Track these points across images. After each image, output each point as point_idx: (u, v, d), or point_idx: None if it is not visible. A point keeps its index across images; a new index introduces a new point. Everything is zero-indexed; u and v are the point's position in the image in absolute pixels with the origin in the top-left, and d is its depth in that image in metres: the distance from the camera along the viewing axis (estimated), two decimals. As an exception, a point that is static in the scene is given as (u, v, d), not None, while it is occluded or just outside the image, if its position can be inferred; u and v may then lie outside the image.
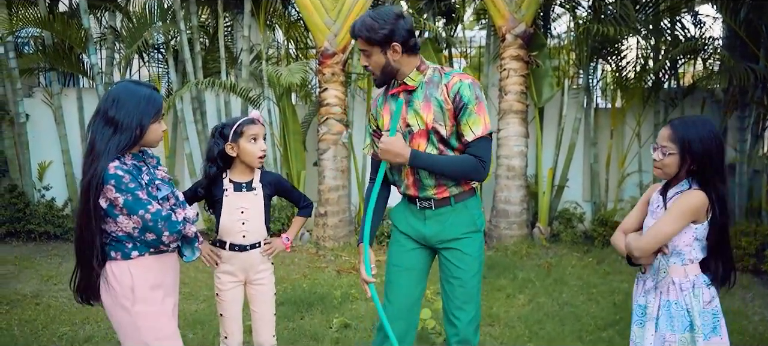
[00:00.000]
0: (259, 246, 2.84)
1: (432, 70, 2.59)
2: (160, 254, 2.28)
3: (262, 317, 2.90)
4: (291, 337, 4.11)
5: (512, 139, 6.50)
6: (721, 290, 2.36)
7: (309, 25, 6.47)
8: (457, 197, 2.61)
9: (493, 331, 4.28)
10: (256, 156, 2.75)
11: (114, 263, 2.21)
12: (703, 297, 2.28)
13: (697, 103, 7.18)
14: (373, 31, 2.47)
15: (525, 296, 5.02)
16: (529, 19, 6.39)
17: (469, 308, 2.66)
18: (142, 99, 2.21)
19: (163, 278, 2.30)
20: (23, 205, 6.95)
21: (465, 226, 2.64)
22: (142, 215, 2.11)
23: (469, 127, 2.49)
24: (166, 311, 2.30)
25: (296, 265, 5.98)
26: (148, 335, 2.22)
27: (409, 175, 2.61)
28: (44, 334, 4.12)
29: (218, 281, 2.83)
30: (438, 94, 2.52)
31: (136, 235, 2.17)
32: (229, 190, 2.78)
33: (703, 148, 2.21)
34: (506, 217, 6.59)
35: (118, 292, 2.20)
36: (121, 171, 2.11)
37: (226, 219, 2.76)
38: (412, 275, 2.71)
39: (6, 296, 4.89)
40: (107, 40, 7.26)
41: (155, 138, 2.29)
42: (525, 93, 6.55)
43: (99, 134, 2.17)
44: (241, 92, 6.59)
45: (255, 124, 2.76)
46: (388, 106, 2.65)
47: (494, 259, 6.09)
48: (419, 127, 2.54)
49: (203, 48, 7.34)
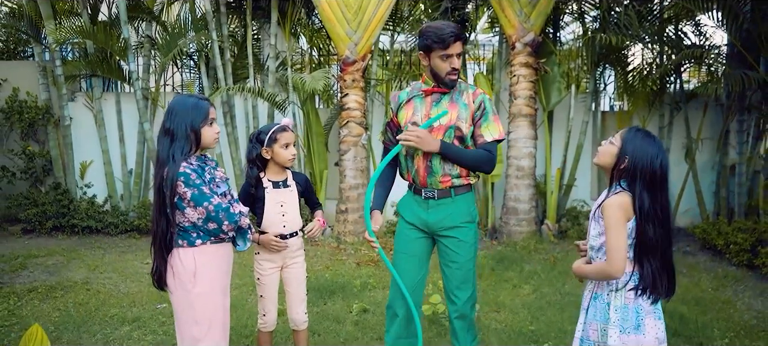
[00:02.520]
0: (297, 235, 3.30)
1: (458, 81, 3.06)
2: (220, 243, 2.68)
3: (296, 296, 3.36)
4: (316, 319, 4.57)
5: (521, 141, 6.90)
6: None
7: (331, 35, 6.94)
8: (457, 189, 3.08)
9: (499, 316, 4.70)
10: (287, 159, 3.21)
11: (181, 249, 2.61)
12: (624, 292, 2.38)
13: (700, 106, 7.52)
14: None
15: (530, 287, 5.43)
16: (537, 28, 6.79)
17: (467, 287, 3.14)
18: (189, 107, 2.62)
19: (220, 264, 2.70)
20: (67, 201, 7.52)
21: (463, 216, 3.11)
22: (207, 206, 2.54)
23: (489, 131, 3.04)
24: (219, 294, 2.68)
25: (319, 258, 6.44)
26: (200, 315, 2.63)
27: (422, 162, 3.05)
28: (97, 315, 4.63)
29: (260, 267, 3.27)
30: (464, 99, 3.03)
31: (200, 224, 2.58)
32: (269, 187, 3.22)
33: (640, 156, 2.32)
34: (516, 214, 7.00)
35: (182, 275, 2.61)
36: (189, 169, 2.54)
37: (269, 212, 3.20)
38: (416, 260, 3.17)
39: (60, 282, 5.43)
40: (144, 48, 7.79)
41: (210, 139, 2.68)
42: (534, 98, 6.95)
43: (161, 144, 2.60)
44: (267, 97, 7.08)
45: (286, 132, 3.20)
46: (413, 103, 3.11)
47: (503, 253, 6.50)
48: (440, 123, 3.01)
49: (232, 55, 7.84)
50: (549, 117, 7.55)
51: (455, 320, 3.15)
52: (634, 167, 2.34)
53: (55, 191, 7.58)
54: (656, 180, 2.33)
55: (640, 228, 2.33)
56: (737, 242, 6.09)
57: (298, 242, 3.32)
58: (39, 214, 7.39)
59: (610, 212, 2.34)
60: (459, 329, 3.18)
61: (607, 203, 2.37)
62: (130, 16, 7.48)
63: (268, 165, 3.25)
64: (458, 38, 2.91)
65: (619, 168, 2.39)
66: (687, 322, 4.44)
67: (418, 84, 3.16)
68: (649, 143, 2.37)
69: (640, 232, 2.34)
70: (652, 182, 2.32)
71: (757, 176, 6.98)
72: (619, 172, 2.40)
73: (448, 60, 2.94)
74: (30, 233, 7.48)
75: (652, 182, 2.32)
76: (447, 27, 2.93)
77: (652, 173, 2.32)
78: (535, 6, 6.68)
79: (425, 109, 3.06)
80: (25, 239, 7.25)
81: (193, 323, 2.63)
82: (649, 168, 2.32)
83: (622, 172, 2.38)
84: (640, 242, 2.34)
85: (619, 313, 2.39)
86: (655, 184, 2.33)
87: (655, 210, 2.32)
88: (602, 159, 2.46)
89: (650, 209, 2.31)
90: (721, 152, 7.36)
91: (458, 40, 2.92)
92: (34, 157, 7.66)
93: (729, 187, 7.24)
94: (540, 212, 7.46)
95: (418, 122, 3.03)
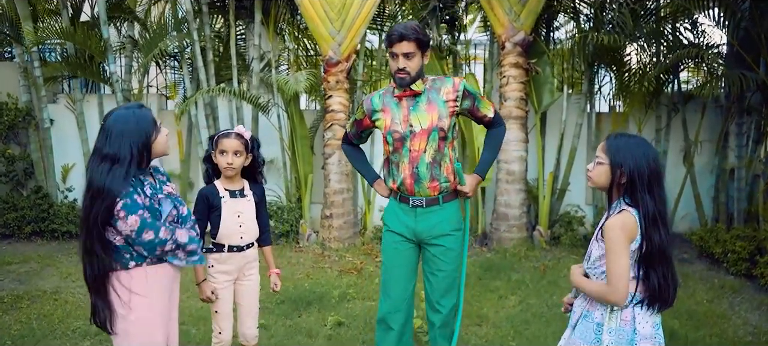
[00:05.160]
0: (253, 246, 3.13)
1: (431, 80, 3.03)
2: (158, 264, 2.43)
3: (249, 310, 3.18)
4: (287, 333, 4.37)
5: (512, 144, 6.67)
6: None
7: (314, 35, 6.72)
8: (445, 196, 2.99)
9: (480, 331, 4.47)
10: (222, 165, 3.00)
11: (114, 273, 2.36)
12: (620, 314, 2.23)
13: (698, 108, 7.26)
14: (424, 35, 2.90)
15: (516, 298, 5.20)
16: (528, 27, 6.55)
17: (452, 296, 3.06)
18: (133, 124, 2.34)
19: (160, 286, 2.45)
20: (47, 205, 7.34)
21: (452, 224, 3.02)
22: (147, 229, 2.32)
23: (487, 108, 3.08)
24: (158, 318, 2.44)
25: (301, 265, 6.24)
26: (136, 341, 2.39)
27: (407, 169, 2.96)
28: (60, 327, 4.44)
29: (214, 280, 3.08)
30: (442, 96, 2.97)
31: (131, 240, 2.32)
32: (226, 196, 3.04)
33: (634, 164, 2.18)
34: (506, 220, 6.77)
35: (116, 301, 2.37)
36: (134, 198, 2.29)
37: (226, 224, 3.02)
38: (405, 271, 3.08)
39: (28, 292, 5.25)
40: (126, 49, 7.60)
41: (162, 149, 2.45)
42: (525, 99, 6.71)
43: (96, 171, 2.29)
44: (250, 99, 6.88)
45: (228, 138, 2.98)
46: (389, 107, 3.01)
47: (492, 261, 6.27)
48: (421, 127, 2.93)
49: (217, 55, 7.64)
50: (542, 119, 7.32)
51: (438, 329, 3.08)
52: (631, 176, 2.19)
53: (36, 194, 7.40)
54: (655, 178, 2.20)
55: (646, 237, 2.18)
56: (736, 250, 5.84)
57: (254, 253, 3.16)
58: (18, 219, 7.22)
59: (612, 234, 2.18)
60: (440, 338, 3.10)
61: (608, 224, 2.20)
62: (111, 16, 7.30)
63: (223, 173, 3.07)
64: (404, 38, 2.84)
65: (619, 183, 2.24)
66: (677, 338, 4.21)
67: (390, 88, 3.05)
68: (635, 144, 2.24)
69: (646, 241, 2.18)
70: (651, 181, 2.19)
71: (757, 180, 6.71)
72: (618, 188, 2.26)
73: (395, 59, 2.90)
74: (8, 238, 7.29)
75: (651, 182, 2.19)
76: (399, 27, 2.89)
77: (650, 172, 2.19)
78: (525, 4, 6.44)
79: (403, 114, 2.98)
80: (2, 245, 7.07)
81: None
82: (646, 169, 2.19)
83: (622, 186, 2.24)
84: (647, 253, 2.19)
85: (614, 336, 2.23)
86: (654, 182, 2.20)
87: (658, 210, 2.19)
88: (597, 181, 2.31)
89: (655, 211, 2.17)
90: (720, 155, 7.10)
91: (404, 39, 2.85)
92: (14, 161, 7.48)
93: (728, 192, 6.98)
94: (532, 217, 7.23)
95: (399, 130, 2.96)
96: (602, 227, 2.25)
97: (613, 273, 2.17)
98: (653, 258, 2.20)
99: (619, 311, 2.23)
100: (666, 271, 2.22)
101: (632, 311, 2.23)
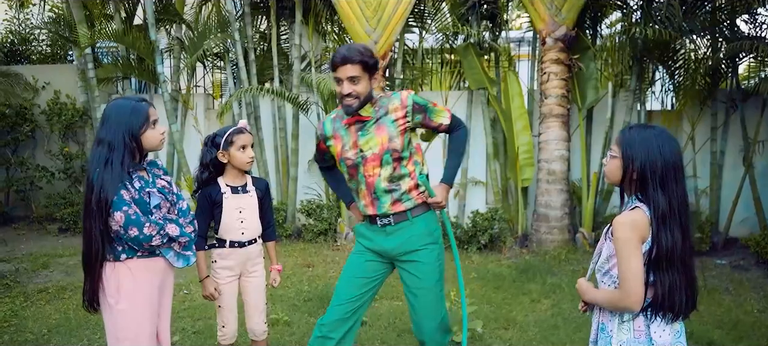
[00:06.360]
0: (255, 242, 3.12)
1: (379, 99, 2.80)
2: (149, 258, 2.47)
3: (255, 306, 3.18)
4: (309, 330, 4.35)
5: (552, 143, 6.45)
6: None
7: (350, 33, 6.72)
8: (413, 211, 2.80)
9: (505, 334, 4.33)
10: (245, 162, 3.03)
11: (107, 264, 2.42)
12: (632, 324, 2.08)
13: (758, 105, 6.80)
14: (369, 57, 2.70)
15: (549, 302, 5.02)
16: (570, 21, 6.32)
17: (436, 315, 2.85)
18: (127, 113, 2.40)
19: (148, 280, 2.48)
20: (100, 201, 7.66)
21: (423, 238, 2.81)
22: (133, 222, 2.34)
23: (440, 118, 2.85)
24: (144, 311, 2.47)
25: (336, 263, 6.24)
26: (122, 332, 2.44)
27: (366, 195, 2.80)
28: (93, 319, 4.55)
29: (216, 275, 3.11)
30: (391, 115, 2.75)
31: (121, 235, 2.36)
32: (228, 192, 3.06)
33: (646, 157, 2.01)
34: (546, 221, 6.55)
35: (107, 290, 2.43)
36: (116, 196, 2.34)
37: (226, 219, 3.03)
38: (361, 282, 2.88)
39: (72, 283, 5.48)
40: (174, 51, 7.86)
41: (153, 143, 2.48)
42: (566, 96, 6.48)
43: (94, 156, 2.38)
44: (289, 98, 6.95)
45: (244, 134, 3.01)
46: (339, 134, 2.85)
47: (529, 263, 6.08)
48: (373, 152, 2.74)
49: (261, 55, 7.77)
50: (587, 117, 7.04)
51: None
52: (642, 170, 2.02)
53: (90, 191, 7.74)
54: (668, 171, 2.01)
55: (655, 238, 1.99)
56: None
57: (257, 250, 3.15)
58: (74, 213, 7.58)
59: (621, 233, 2.01)
60: None
61: (617, 221, 2.03)
62: (160, 19, 7.56)
63: (225, 169, 3.09)
64: (347, 61, 2.63)
65: (632, 179, 2.06)
66: (714, 349, 3.94)
67: (340, 112, 2.88)
68: (649, 135, 2.06)
69: (655, 242, 2.00)
70: (663, 175, 2.01)
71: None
72: (631, 183, 2.08)
73: (340, 85, 2.70)
74: (65, 232, 7.68)
75: (664, 176, 2.01)
76: (342, 49, 2.68)
77: (664, 166, 2.01)
78: (567, -2, 6.23)
79: (352, 140, 2.79)
80: (59, 238, 7.44)
81: (115, 341, 2.47)
82: (659, 163, 2.01)
83: (634, 182, 2.06)
84: (656, 255, 2.00)
85: None
86: (667, 176, 2.01)
87: (671, 208, 1.99)
88: (611, 177, 2.15)
89: (666, 208, 1.98)
90: (782, 156, 6.64)
91: (347, 62, 2.63)
92: (72, 158, 7.87)
93: (791, 194, 6.51)
94: (575, 219, 6.97)
95: (350, 157, 2.79)
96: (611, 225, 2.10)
97: (623, 276, 2.00)
98: (661, 262, 2.00)
99: (631, 321, 2.07)
100: (678, 277, 2.02)
101: (646, 320, 2.06)
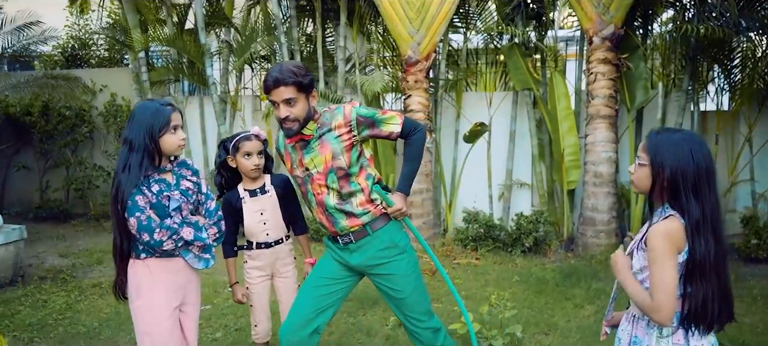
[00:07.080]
0: (283, 242, 3.16)
1: (322, 115, 2.70)
2: (168, 258, 2.56)
3: (288, 306, 3.20)
4: (347, 331, 4.41)
5: (599, 145, 6.30)
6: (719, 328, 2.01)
7: (393, 35, 6.73)
8: (371, 225, 2.72)
9: (545, 339, 4.27)
10: (249, 169, 3.04)
11: (130, 261, 2.57)
12: (671, 339, 2.02)
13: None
14: (303, 76, 2.55)
15: (593, 308, 4.91)
16: (618, 20, 6.15)
17: (421, 319, 2.83)
18: (149, 115, 2.48)
19: (165, 279, 2.57)
20: (153, 200, 7.94)
21: (389, 251, 2.75)
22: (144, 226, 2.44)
23: (390, 126, 2.70)
24: (161, 309, 2.56)
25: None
26: (140, 327, 2.59)
27: (320, 213, 2.75)
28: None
29: (248, 275, 3.18)
30: (334, 132, 2.65)
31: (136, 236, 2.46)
32: (246, 197, 3.10)
33: (676, 163, 1.94)
34: (593, 225, 6.40)
35: (129, 286, 2.58)
36: (131, 201, 2.42)
37: (249, 222, 3.10)
38: (323, 290, 2.82)
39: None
40: (223, 54, 8.06)
41: (173, 147, 2.53)
42: (614, 97, 6.31)
43: (120, 154, 2.51)
44: (334, 99, 7.02)
45: (251, 141, 3.02)
46: (288, 151, 2.81)
47: (575, 267, 5.95)
48: (318, 171, 2.68)
49: (306, 57, 7.88)
50: (637, 119, 6.84)
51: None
52: (673, 176, 1.95)
53: (143, 190, 8.03)
54: (701, 177, 1.94)
55: (690, 246, 1.93)
56: None
57: (285, 249, 3.19)
58: (128, 211, 7.86)
59: (656, 243, 1.95)
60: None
61: (652, 231, 1.98)
62: (210, 23, 7.77)
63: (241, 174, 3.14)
64: (280, 83, 2.50)
65: (663, 187, 1.99)
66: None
67: None
68: (678, 139, 1.99)
69: (690, 250, 1.94)
70: (696, 182, 1.94)
71: None
72: (661, 192, 2.01)
73: (276, 108, 2.58)
74: (121, 229, 7.97)
75: (696, 183, 1.94)
76: (274, 70, 2.55)
77: (696, 172, 1.94)
78: (615, -4, 6.06)
79: (298, 159, 2.73)
80: (113, 235, 7.73)
81: (138, 333, 2.62)
82: (692, 169, 1.93)
83: (665, 190, 1.99)
84: (691, 264, 1.95)
85: None
86: (700, 182, 1.94)
87: (704, 216, 1.93)
88: (640, 185, 2.08)
89: (699, 217, 1.92)
90: None
91: (280, 85, 2.50)
92: (127, 159, 8.17)
93: None
94: (624, 223, 6.77)
95: (299, 175, 2.75)
96: (644, 235, 2.04)
97: (655, 288, 1.94)
98: (695, 272, 1.95)
99: (670, 336, 2.01)
100: (712, 288, 1.95)
101: (685, 333, 2.00)
